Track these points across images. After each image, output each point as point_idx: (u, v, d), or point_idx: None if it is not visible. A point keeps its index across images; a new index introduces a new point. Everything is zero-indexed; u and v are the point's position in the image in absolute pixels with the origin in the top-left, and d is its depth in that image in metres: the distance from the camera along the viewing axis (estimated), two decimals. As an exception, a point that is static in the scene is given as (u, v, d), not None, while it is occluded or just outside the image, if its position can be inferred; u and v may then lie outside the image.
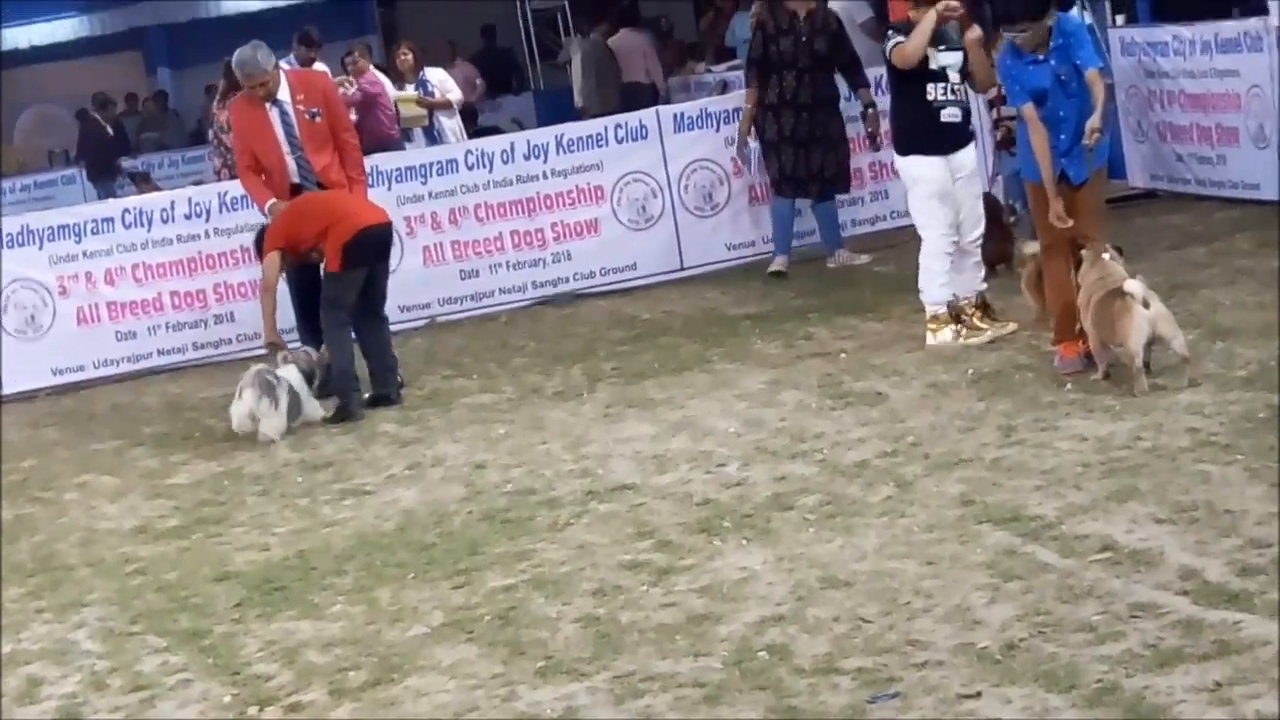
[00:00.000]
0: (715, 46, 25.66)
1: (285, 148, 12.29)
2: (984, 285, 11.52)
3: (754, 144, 15.06)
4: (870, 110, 14.70)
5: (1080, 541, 7.08)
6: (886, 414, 9.72)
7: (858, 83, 14.82)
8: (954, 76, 11.28)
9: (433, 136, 18.04)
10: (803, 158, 14.75)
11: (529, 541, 8.37)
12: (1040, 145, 10.11)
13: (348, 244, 11.74)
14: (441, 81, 18.67)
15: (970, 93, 11.52)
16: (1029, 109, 10.13)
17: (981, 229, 11.46)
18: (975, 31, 11.32)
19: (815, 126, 14.69)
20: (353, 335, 12.03)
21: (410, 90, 18.38)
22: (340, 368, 11.82)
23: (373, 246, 11.92)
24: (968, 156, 11.43)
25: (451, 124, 18.46)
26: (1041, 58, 10.07)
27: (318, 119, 12.29)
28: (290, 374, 11.58)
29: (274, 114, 12.27)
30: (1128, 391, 9.17)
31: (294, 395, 11.51)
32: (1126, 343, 9.15)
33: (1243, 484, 7.47)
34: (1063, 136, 10.07)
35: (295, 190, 12.26)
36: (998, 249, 12.47)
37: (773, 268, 14.80)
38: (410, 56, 18.66)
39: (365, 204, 12.24)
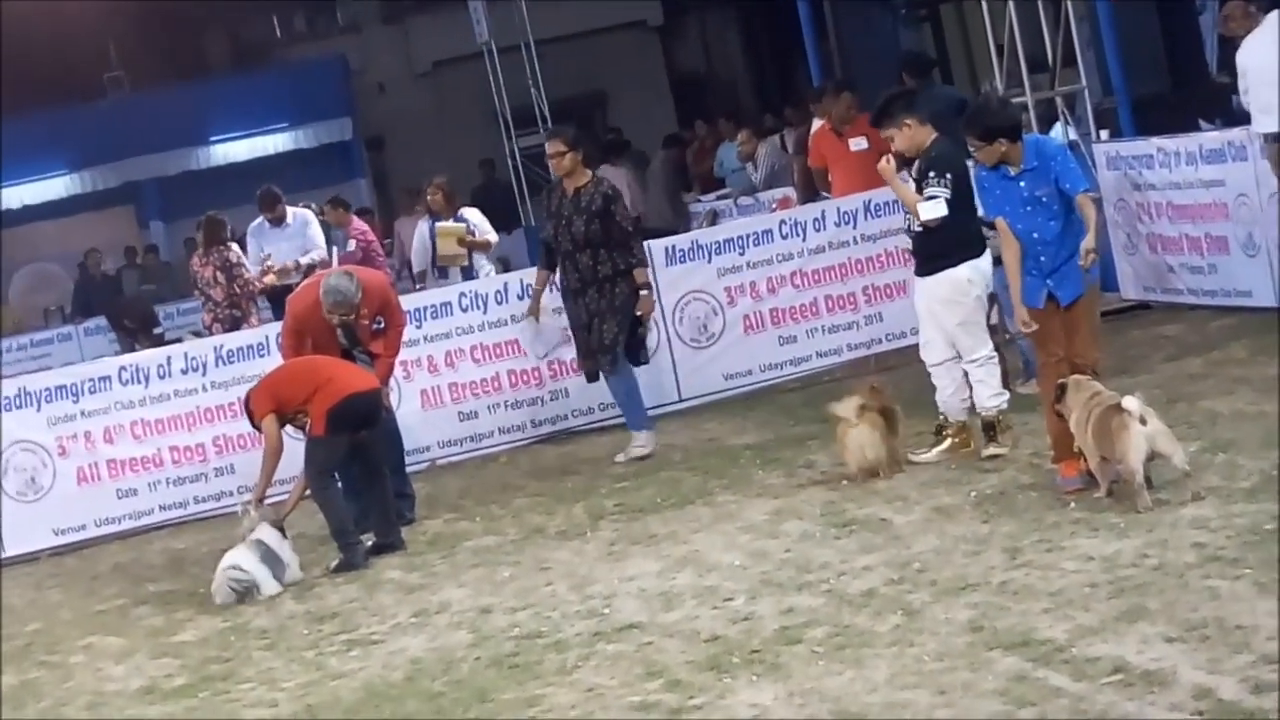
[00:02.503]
0: (702, 176, 25.84)
1: (344, 344, 12.62)
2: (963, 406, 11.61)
3: (539, 322, 14.69)
4: (642, 293, 13.64)
5: (1092, 664, 7.04)
6: (891, 540, 9.70)
7: (628, 264, 13.58)
8: None
9: (470, 277, 17.03)
10: (583, 338, 13.76)
11: (538, 686, 8.31)
12: (1010, 259, 10.19)
13: (332, 410, 11.77)
14: (480, 222, 17.65)
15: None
16: (1002, 221, 10.23)
17: (971, 355, 11.44)
18: (881, 162, 11.53)
19: (591, 306, 13.56)
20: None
21: (455, 223, 17.51)
22: (337, 525, 11.84)
23: (358, 414, 11.93)
24: (928, 283, 11.49)
25: (489, 267, 17.61)
26: (1013, 174, 10.14)
27: (380, 327, 12.67)
28: (266, 532, 11.55)
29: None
30: (1131, 508, 9.15)
31: (271, 555, 11.46)
32: (1126, 460, 9.15)
33: (1252, 598, 7.43)
34: (1043, 258, 10.12)
35: (345, 355, 12.61)
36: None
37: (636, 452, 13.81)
38: (440, 195, 17.66)
39: (354, 370, 12.29)
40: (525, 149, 30.38)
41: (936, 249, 11.37)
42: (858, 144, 15.69)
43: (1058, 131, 16.47)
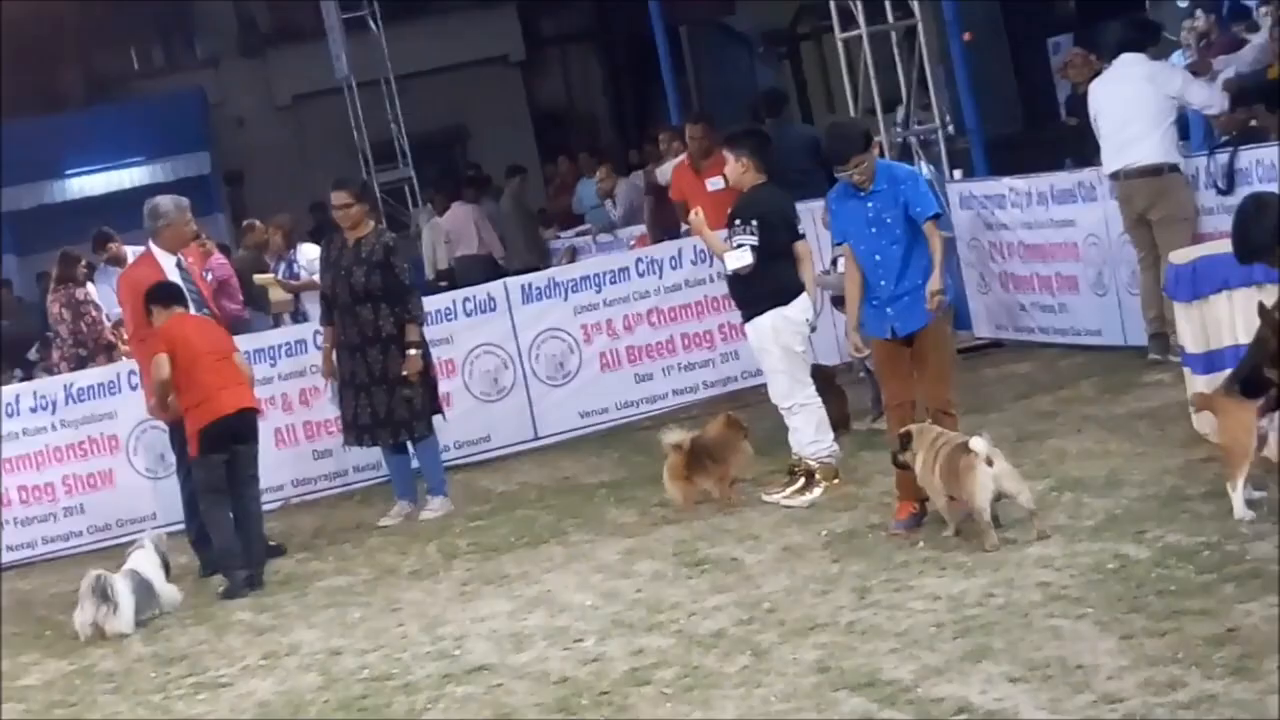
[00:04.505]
0: (560, 213, 25.84)
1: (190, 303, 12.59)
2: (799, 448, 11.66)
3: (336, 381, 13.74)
4: (411, 351, 13.11)
5: (936, 705, 7.08)
6: (742, 580, 9.71)
7: (403, 319, 13.12)
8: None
9: (301, 320, 16.88)
10: (365, 402, 13.25)
11: (386, 730, 8.27)
12: (851, 288, 10.31)
13: (204, 430, 11.80)
14: (311, 261, 17.16)
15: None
16: (847, 248, 10.34)
17: (784, 402, 11.60)
18: (692, 214, 12.06)
19: (376, 369, 13.16)
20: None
21: (269, 274, 17.53)
22: (222, 546, 11.93)
23: (230, 431, 11.97)
24: (747, 329, 11.74)
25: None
26: (862, 195, 10.21)
27: (210, 277, 12.69)
28: (141, 562, 11.44)
29: (176, 273, 12.74)
30: (979, 547, 9.22)
31: (144, 586, 11.35)
32: (973, 500, 9.23)
33: (1094, 638, 7.50)
34: (884, 282, 10.20)
35: None
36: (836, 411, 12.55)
37: (383, 520, 13.47)
38: (280, 235, 17.60)
39: (232, 390, 12.10)
40: (385, 184, 30.26)
41: (747, 296, 11.57)
42: (714, 184, 15.60)
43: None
